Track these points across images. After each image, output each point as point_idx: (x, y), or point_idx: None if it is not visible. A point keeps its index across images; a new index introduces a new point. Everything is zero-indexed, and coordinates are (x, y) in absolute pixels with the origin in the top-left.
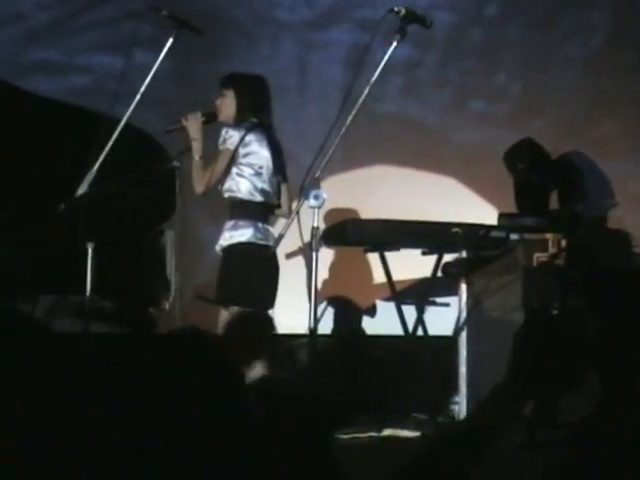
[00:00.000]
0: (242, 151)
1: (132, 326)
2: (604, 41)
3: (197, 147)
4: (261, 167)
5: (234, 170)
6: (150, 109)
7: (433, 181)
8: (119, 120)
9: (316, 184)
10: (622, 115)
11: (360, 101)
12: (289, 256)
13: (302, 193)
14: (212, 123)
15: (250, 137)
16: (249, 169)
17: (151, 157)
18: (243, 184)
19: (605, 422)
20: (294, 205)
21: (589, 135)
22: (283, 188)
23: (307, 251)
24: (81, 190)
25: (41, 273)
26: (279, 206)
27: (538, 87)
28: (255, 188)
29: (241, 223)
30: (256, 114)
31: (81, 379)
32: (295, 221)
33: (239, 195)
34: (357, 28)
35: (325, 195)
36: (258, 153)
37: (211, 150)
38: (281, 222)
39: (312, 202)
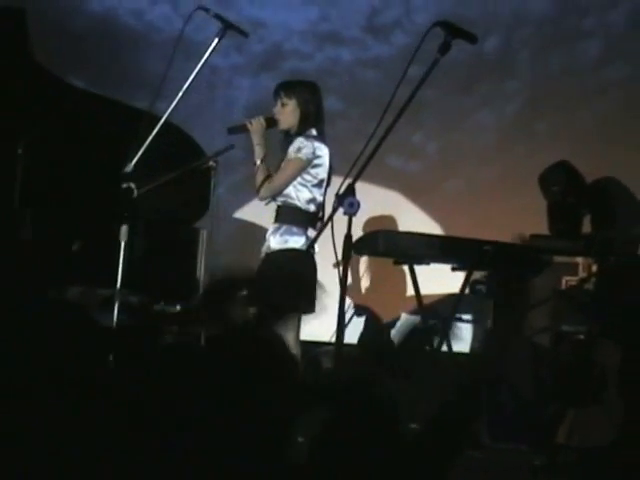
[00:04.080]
0: (313, 162)
1: (156, 323)
2: (518, 110)
3: (260, 152)
4: (322, 179)
5: (297, 178)
6: None
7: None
8: (159, 117)
9: (351, 192)
10: (531, 184)
11: (397, 114)
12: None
13: (336, 200)
14: (272, 129)
15: (321, 150)
16: (313, 180)
17: (188, 155)
18: (303, 193)
19: (627, 447)
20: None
21: (500, 201)
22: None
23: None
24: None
25: (72, 264)
26: (322, 218)
27: (453, 149)
28: (313, 199)
29: (295, 230)
30: (316, 124)
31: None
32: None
33: (297, 203)
34: (281, 78)
35: (360, 203)
36: (323, 165)
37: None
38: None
39: (346, 209)
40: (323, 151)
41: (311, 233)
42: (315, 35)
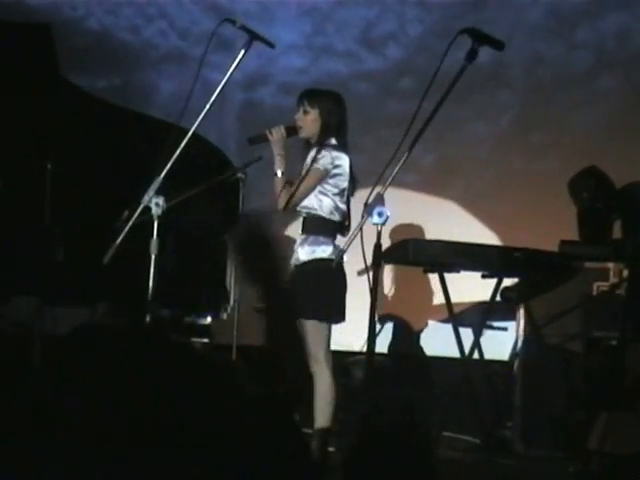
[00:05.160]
0: (332, 172)
1: (188, 335)
2: (512, 120)
3: (281, 163)
4: (344, 189)
5: (317, 188)
6: None
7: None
8: (187, 130)
9: (380, 201)
10: (527, 193)
11: (425, 123)
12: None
13: (366, 210)
14: (292, 137)
15: (341, 160)
16: (334, 189)
17: (217, 168)
18: (325, 202)
19: None
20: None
21: (496, 210)
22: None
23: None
24: (147, 197)
25: (103, 279)
26: (348, 226)
27: (450, 160)
28: (336, 208)
29: (322, 239)
30: (337, 135)
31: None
32: (358, 237)
33: (320, 213)
34: (276, 91)
35: (389, 212)
36: (343, 175)
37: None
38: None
39: (375, 219)
40: (342, 160)
41: (338, 241)
42: (310, 49)
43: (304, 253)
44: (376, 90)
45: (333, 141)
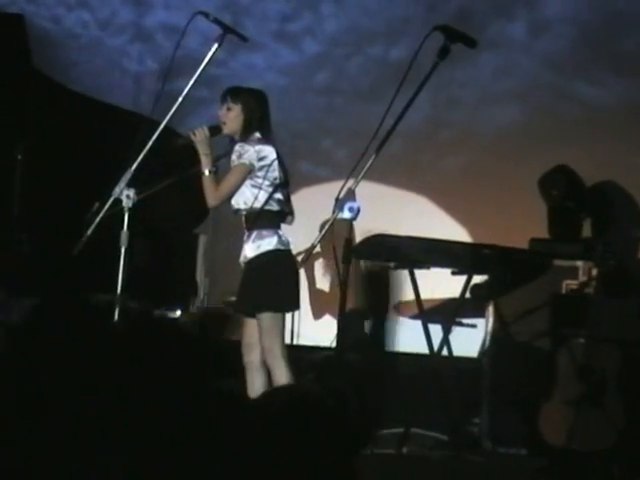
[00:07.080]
0: (258, 164)
1: (157, 327)
2: (423, 118)
3: (207, 162)
4: (275, 179)
5: (249, 182)
6: None
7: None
8: (159, 122)
9: (351, 196)
10: (435, 189)
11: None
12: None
13: (337, 205)
14: (216, 136)
15: (265, 151)
16: (266, 181)
17: (188, 160)
18: (261, 195)
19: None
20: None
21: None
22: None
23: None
24: (118, 189)
25: (72, 271)
26: (290, 213)
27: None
28: (272, 198)
29: (265, 232)
30: (260, 129)
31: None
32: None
33: (258, 206)
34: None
35: (360, 207)
36: (272, 166)
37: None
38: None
39: (346, 214)
40: (267, 152)
41: (280, 230)
42: (228, 41)
43: (250, 250)
44: (292, 84)
45: (257, 135)
